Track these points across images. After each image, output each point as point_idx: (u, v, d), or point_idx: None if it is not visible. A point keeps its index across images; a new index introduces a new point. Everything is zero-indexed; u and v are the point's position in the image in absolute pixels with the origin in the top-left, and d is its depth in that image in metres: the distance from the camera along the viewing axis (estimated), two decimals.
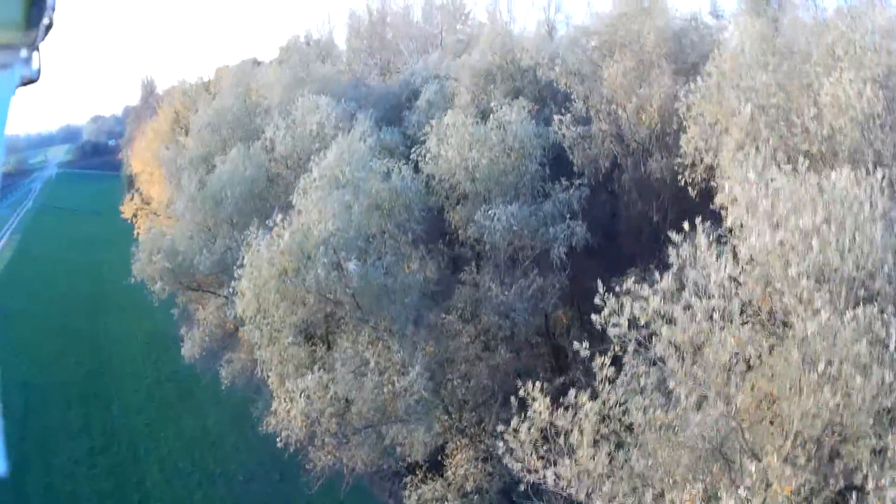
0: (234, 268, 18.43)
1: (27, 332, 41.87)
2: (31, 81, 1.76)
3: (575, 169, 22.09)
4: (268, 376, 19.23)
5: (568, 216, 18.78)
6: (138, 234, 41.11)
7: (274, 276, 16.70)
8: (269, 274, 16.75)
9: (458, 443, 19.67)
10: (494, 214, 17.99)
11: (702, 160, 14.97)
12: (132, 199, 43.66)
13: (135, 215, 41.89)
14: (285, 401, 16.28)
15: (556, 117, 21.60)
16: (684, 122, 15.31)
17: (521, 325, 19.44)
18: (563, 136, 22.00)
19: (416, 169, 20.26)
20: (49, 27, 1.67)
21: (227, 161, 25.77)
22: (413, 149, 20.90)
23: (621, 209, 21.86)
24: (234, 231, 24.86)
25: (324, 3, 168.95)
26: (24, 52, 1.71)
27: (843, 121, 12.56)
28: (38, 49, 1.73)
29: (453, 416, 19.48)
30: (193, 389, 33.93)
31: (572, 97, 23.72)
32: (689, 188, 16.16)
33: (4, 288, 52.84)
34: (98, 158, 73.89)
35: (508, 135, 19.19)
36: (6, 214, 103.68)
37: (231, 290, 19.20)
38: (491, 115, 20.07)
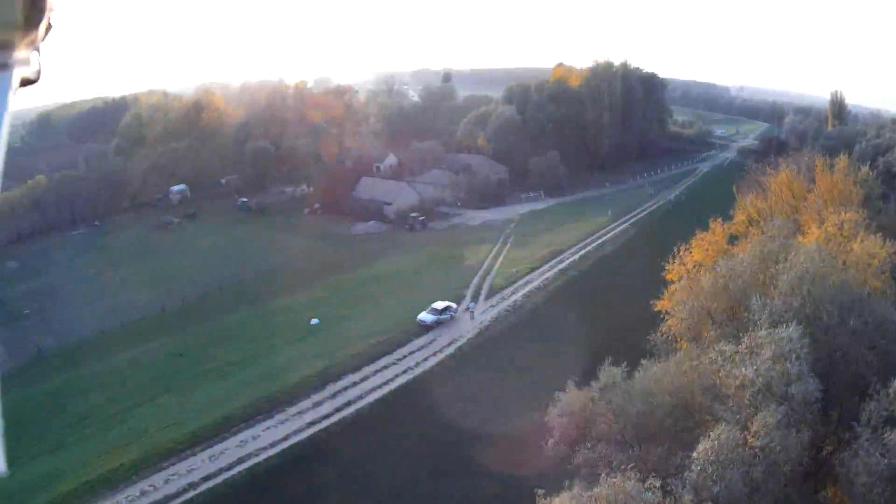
0: None
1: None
2: (31, 82, 1.75)
3: None
4: None
5: None
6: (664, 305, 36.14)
7: None
8: None
9: None
10: None
11: None
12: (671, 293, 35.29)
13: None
14: None
15: None
16: None
17: None
18: None
19: None
20: (49, 27, 1.71)
21: (643, 375, 24.51)
22: None
23: None
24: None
25: None
26: (23, 53, 1.70)
27: None
28: (37, 49, 1.72)
29: None
30: None
31: None
32: None
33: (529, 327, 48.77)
34: (778, 158, 52.31)
35: None
36: (630, 199, 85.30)
37: None
38: None
